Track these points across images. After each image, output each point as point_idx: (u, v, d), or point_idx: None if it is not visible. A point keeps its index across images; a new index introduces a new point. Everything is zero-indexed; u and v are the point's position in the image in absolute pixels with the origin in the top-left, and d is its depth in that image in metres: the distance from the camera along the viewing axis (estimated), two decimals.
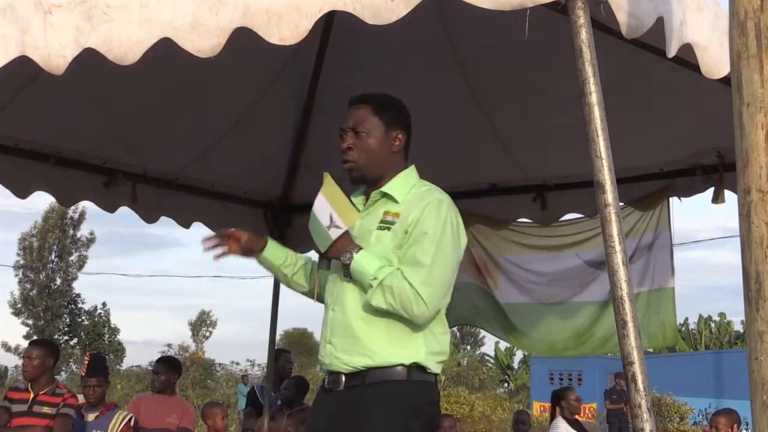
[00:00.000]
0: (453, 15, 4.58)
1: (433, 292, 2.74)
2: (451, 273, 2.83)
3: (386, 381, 2.77)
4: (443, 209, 2.85)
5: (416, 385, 2.79)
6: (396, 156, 3.00)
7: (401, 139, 3.01)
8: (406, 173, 3.01)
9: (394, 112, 3.05)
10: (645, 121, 4.76)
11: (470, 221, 5.92)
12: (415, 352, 2.79)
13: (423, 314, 2.74)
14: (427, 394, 2.84)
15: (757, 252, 1.93)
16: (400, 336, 2.79)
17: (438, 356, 2.87)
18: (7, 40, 2.93)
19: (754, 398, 1.92)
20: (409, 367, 2.77)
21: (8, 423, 5.28)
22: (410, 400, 2.77)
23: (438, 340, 2.87)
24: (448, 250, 2.80)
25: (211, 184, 5.93)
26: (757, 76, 1.97)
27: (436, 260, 2.76)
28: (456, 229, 2.85)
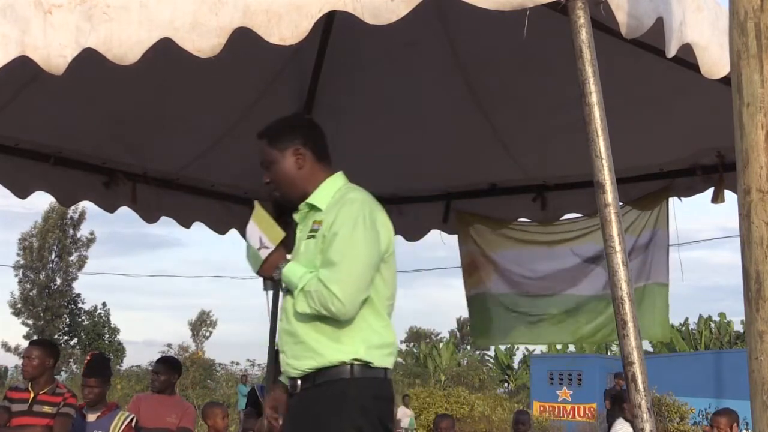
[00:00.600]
0: (453, 15, 4.58)
1: (345, 288, 2.83)
2: (365, 267, 2.89)
3: (332, 380, 2.88)
4: (354, 207, 2.94)
5: (360, 382, 2.87)
6: (307, 171, 3.09)
7: (302, 154, 3.10)
8: (330, 181, 3.11)
9: (283, 135, 3.13)
10: (645, 121, 4.76)
11: (470, 221, 5.94)
12: (354, 348, 2.88)
13: (341, 311, 2.83)
14: (373, 389, 2.91)
15: (757, 252, 1.93)
16: (339, 334, 2.89)
17: (382, 349, 2.94)
18: (7, 40, 2.93)
19: (754, 398, 1.92)
20: (351, 364, 2.87)
21: (8, 422, 5.28)
22: (355, 398, 2.86)
23: (378, 333, 2.94)
24: (359, 246, 2.89)
25: (211, 184, 5.93)
26: (757, 76, 1.97)
27: (347, 257, 2.86)
28: (370, 225, 2.92)
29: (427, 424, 20.53)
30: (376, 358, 2.90)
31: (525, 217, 5.87)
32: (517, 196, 5.81)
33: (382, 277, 2.97)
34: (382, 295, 2.97)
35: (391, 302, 3.03)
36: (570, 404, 24.77)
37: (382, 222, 2.98)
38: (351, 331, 2.90)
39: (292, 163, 3.09)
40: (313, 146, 3.12)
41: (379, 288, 2.96)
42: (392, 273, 3.03)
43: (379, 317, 2.95)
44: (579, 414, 24.36)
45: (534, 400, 25.73)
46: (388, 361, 2.95)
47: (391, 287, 3.01)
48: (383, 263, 2.97)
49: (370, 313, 2.93)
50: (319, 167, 3.12)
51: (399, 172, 5.85)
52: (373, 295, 2.94)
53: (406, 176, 5.88)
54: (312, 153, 3.11)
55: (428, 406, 21.62)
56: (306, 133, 3.16)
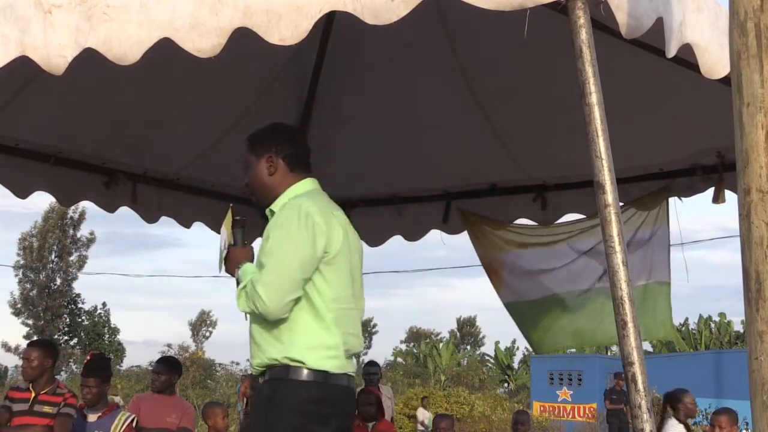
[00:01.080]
0: (453, 15, 4.58)
1: (270, 289, 2.93)
2: (291, 269, 2.96)
3: (271, 378, 3.02)
4: (290, 211, 3.06)
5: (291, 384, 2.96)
6: (277, 178, 3.24)
7: (273, 161, 3.24)
8: (294, 187, 3.23)
9: (259, 143, 3.29)
10: (645, 121, 4.76)
11: (473, 220, 5.93)
12: (288, 349, 2.97)
13: (266, 310, 2.93)
14: (304, 390, 2.96)
15: (757, 252, 1.93)
16: (278, 334, 3.00)
17: (318, 350, 2.98)
18: (7, 40, 2.93)
19: (754, 398, 1.92)
20: (287, 365, 2.97)
21: (9, 422, 5.28)
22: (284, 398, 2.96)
23: (315, 334, 2.99)
24: (285, 248, 2.99)
25: (211, 184, 5.93)
26: (757, 76, 1.97)
27: (273, 259, 2.98)
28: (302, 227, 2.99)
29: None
30: (310, 359, 2.96)
31: (525, 218, 5.87)
32: (517, 196, 5.81)
33: (324, 279, 3.01)
34: (326, 297, 3.01)
35: (343, 305, 3.06)
36: (570, 404, 24.77)
37: (321, 225, 3.02)
38: (287, 332, 2.99)
39: (264, 170, 3.25)
40: (286, 156, 3.25)
41: (321, 289, 3.01)
42: (340, 275, 3.06)
43: (319, 319, 3.00)
44: (579, 414, 24.36)
45: (534, 400, 25.74)
46: (328, 363, 2.98)
47: (338, 289, 3.05)
48: (325, 265, 3.02)
49: (308, 315, 2.99)
50: (291, 176, 3.24)
51: (399, 172, 5.86)
52: (313, 296, 3.00)
53: (406, 176, 5.89)
54: (284, 162, 3.24)
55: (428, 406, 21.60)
56: (282, 143, 3.27)
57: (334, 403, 3.02)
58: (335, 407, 3.02)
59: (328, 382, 2.98)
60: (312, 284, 3.00)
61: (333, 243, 3.04)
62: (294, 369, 2.96)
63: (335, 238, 3.06)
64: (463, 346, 54.74)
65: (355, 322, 3.13)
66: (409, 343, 54.16)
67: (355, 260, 3.19)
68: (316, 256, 2.99)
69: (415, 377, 39.06)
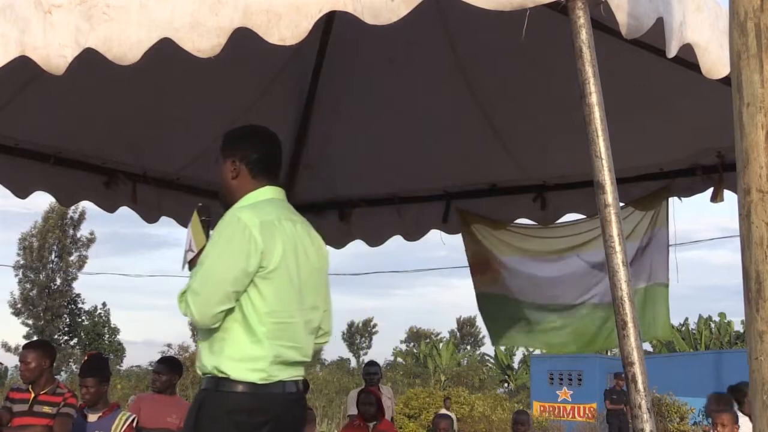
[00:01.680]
0: (453, 15, 4.58)
1: (196, 299, 2.98)
2: (221, 281, 2.99)
3: (204, 388, 3.09)
4: (225, 224, 3.08)
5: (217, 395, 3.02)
6: (239, 182, 3.26)
7: (236, 165, 3.26)
8: (250, 195, 3.24)
9: (230, 145, 3.32)
10: (645, 121, 4.76)
11: (471, 220, 5.93)
12: (217, 359, 3.03)
13: (193, 319, 3.02)
14: (228, 404, 3.01)
15: (757, 252, 1.93)
16: (210, 344, 3.06)
17: (244, 363, 3.01)
18: (7, 40, 2.93)
19: (754, 398, 1.92)
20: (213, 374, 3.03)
21: (9, 423, 5.28)
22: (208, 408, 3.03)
23: (242, 347, 3.02)
24: (216, 261, 3.02)
25: (211, 184, 5.92)
26: (757, 76, 1.97)
27: (205, 269, 3.02)
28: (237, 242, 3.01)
29: (427, 424, 20.53)
30: (235, 370, 3.00)
31: (525, 218, 5.86)
32: (517, 196, 5.81)
33: (259, 293, 3.03)
34: (260, 311, 3.02)
35: (281, 318, 3.07)
36: (570, 404, 24.78)
37: (257, 238, 3.02)
38: (219, 342, 3.03)
39: (227, 172, 3.28)
40: (249, 162, 3.26)
41: (255, 303, 3.02)
42: (278, 289, 3.06)
43: (250, 331, 3.02)
44: (579, 414, 24.36)
45: (534, 400, 25.74)
46: (253, 375, 3.01)
47: (275, 303, 3.05)
48: (261, 279, 3.03)
49: (240, 326, 3.02)
50: (252, 182, 3.26)
51: (399, 172, 5.86)
52: (246, 309, 3.02)
53: (406, 176, 5.89)
54: (247, 168, 3.25)
55: (428, 406, 21.60)
56: (248, 149, 3.27)
57: (266, 410, 3.04)
58: (267, 414, 3.04)
59: (258, 392, 3.01)
60: (247, 297, 3.02)
61: (270, 258, 3.04)
62: (221, 380, 3.01)
63: (274, 252, 3.05)
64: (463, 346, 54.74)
65: (296, 335, 3.12)
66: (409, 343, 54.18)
67: (305, 272, 3.17)
68: (248, 271, 3.00)
69: (415, 377, 39.06)
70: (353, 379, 29.81)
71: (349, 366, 48.01)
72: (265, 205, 3.19)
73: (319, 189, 6.18)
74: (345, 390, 22.83)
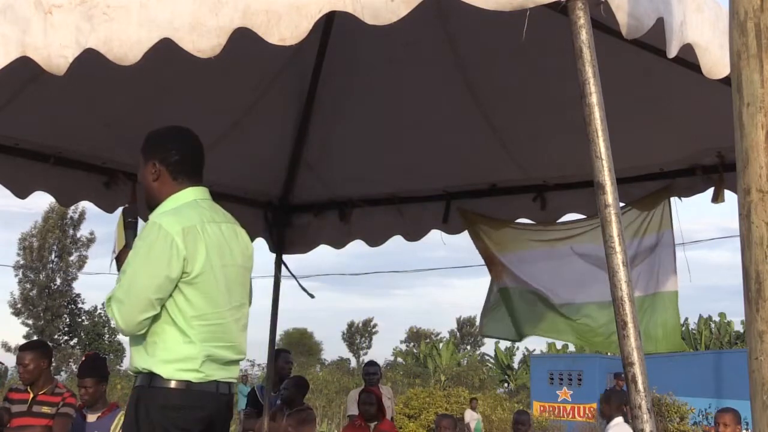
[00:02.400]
0: (453, 15, 4.57)
1: (121, 307, 3.06)
2: (143, 289, 3.05)
3: (136, 386, 3.18)
4: (150, 230, 3.12)
5: (150, 391, 3.11)
6: (160, 184, 3.30)
7: (156, 167, 3.29)
8: (175, 197, 3.28)
9: (151, 147, 3.35)
10: (645, 121, 4.76)
11: (473, 219, 5.93)
12: (150, 360, 3.11)
13: (119, 325, 3.10)
14: (161, 399, 3.10)
15: (757, 252, 1.93)
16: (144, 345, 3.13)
17: (175, 364, 3.10)
18: (7, 40, 2.93)
19: (754, 398, 1.92)
20: (149, 373, 3.11)
21: (8, 423, 5.27)
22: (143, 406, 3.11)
23: (175, 349, 3.10)
24: (141, 269, 3.07)
25: (211, 184, 5.88)
26: (757, 76, 1.97)
27: (128, 278, 3.08)
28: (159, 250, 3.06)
29: (427, 424, 20.53)
30: (169, 371, 3.09)
31: (525, 217, 5.86)
32: (517, 196, 5.80)
33: (185, 298, 3.09)
34: (187, 315, 3.09)
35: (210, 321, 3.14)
36: (570, 404, 24.77)
37: (179, 245, 3.07)
38: (151, 345, 3.11)
39: (148, 174, 3.32)
40: (170, 164, 3.29)
41: (182, 308, 3.09)
42: (204, 294, 3.12)
43: (181, 334, 3.09)
44: (579, 414, 24.36)
45: (534, 400, 25.73)
46: (187, 375, 3.10)
47: (202, 308, 3.12)
48: (186, 285, 3.08)
49: (170, 330, 3.10)
50: (173, 184, 3.29)
51: (399, 172, 5.85)
52: (174, 313, 3.09)
53: (406, 176, 5.88)
54: (167, 170, 3.29)
55: (428, 406, 21.60)
56: (168, 151, 3.31)
57: (200, 408, 3.13)
58: (201, 412, 3.14)
59: (192, 389, 3.10)
60: (173, 302, 3.09)
61: (193, 264, 3.10)
62: (155, 377, 3.10)
63: (197, 258, 3.11)
64: (463, 346, 54.73)
65: (229, 334, 3.21)
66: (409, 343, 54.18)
67: (231, 272, 3.24)
68: (171, 278, 3.06)
69: (415, 377, 39.05)
70: (353, 379, 29.80)
71: (349, 366, 48.00)
72: (187, 209, 3.22)
73: (319, 189, 6.18)
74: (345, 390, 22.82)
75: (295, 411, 6.72)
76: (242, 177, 6.00)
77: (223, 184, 5.97)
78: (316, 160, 6.00)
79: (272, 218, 6.33)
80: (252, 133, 5.54)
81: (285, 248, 6.41)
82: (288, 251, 6.44)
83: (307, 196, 6.27)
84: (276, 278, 6.42)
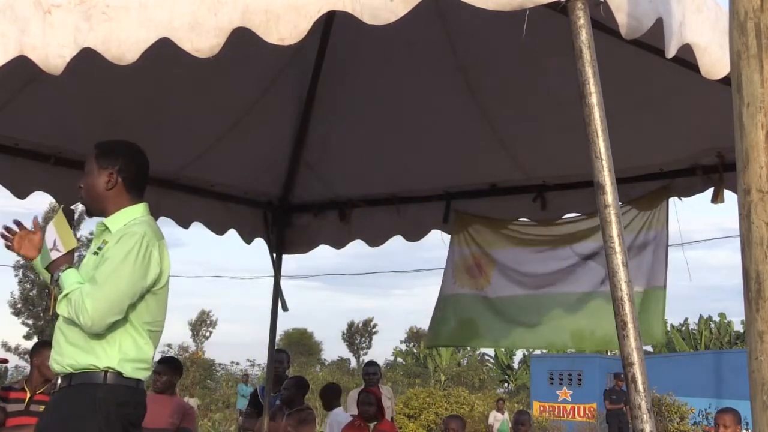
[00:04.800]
0: (453, 15, 4.58)
1: (98, 305, 3.17)
2: (121, 295, 3.21)
3: (85, 383, 3.25)
4: (131, 241, 3.26)
5: (109, 389, 3.23)
6: (113, 194, 3.41)
7: (113, 177, 3.41)
8: (130, 209, 3.43)
9: (109, 156, 3.44)
10: (645, 121, 4.76)
11: (469, 222, 5.93)
12: (109, 358, 3.24)
13: (87, 324, 3.18)
14: (121, 396, 3.26)
15: (757, 252, 1.92)
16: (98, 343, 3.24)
17: (135, 363, 3.29)
18: (6, 40, 2.93)
19: (754, 398, 1.92)
20: (105, 371, 3.24)
21: (4, 423, 5.26)
22: (102, 402, 3.21)
23: (136, 349, 3.30)
24: (123, 275, 3.22)
25: (211, 184, 5.93)
26: (757, 76, 1.97)
27: (109, 281, 3.20)
28: (141, 259, 3.25)
29: (427, 424, 20.53)
30: (128, 370, 3.26)
31: (525, 217, 5.86)
32: (517, 196, 5.80)
33: (146, 305, 3.32)
34: (142, 320, 3.31)
35: (155, 328, 3.39)
36: (570, 404, 24.77)
37: (156, 258, 3.31)
38: (108, 344, 3.24)
39: (103, 182, 3.41)
40: (126, 176, 3.43)
41: (140, 313, 3.30)
42: (160, 303, 3.38)
43: (140, 335, 3.30)
44: (579, 414, 24.35)
45: (534, 400, 25.72)
46: (140, 374, 3.32)
47: (155, 315, 3.36)
48: (151, 294, 3.32)
49: (130, 330, 3.28)
50: (127, 195, 3.43)
51: (399, 172, 5.86)
52: (132, 317, 3.28)
53: (406, 176, 5.89)
54: (123, 181, 3.42)
55: (428, 406, 21.58)
56: (127, 163, 3.44)
57: (143, 405, 3.37)
58: (142, 410, 3.38)
59: (138, 388, 3.33)
60: (132, 307, 3.27)
61: (162, 276, 3.35)
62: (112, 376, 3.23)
63: (165, 271, 3.36)
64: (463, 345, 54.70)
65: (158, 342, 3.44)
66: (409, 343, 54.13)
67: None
68: (145, 286, 3.28)
69: (415, 377, 39.04)
70: (353, 379, 29.80)
71: (349, 366, 48.00)
72: (151, 223, 3.42)
73: (319, 189, 6.18)
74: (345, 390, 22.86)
75: (294, 411, 6.71)
76: (242, 177, 6.01)
77: (223, 184, 5.98)
78: (316, 160, 6.00)
79: (272, 218, 6.33)
80: (252, 133, 5.55)
81: (285, 248, 6.42)
82: (288, 251, 6.44)
83: (307, 196, 6.27)
84: (276, 278, 6.42)
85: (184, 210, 5.88)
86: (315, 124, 5.80)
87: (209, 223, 5.97)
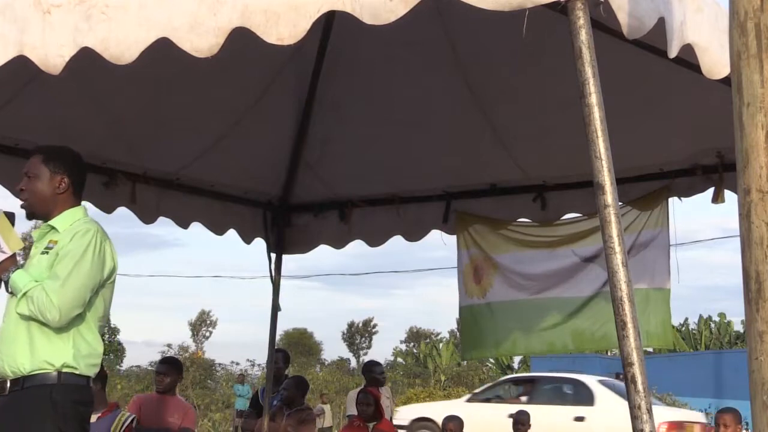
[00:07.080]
0: (453, 15, 4.57)
1: (64, 300, 3.24)
2: (84, 288, 3.31)
3: (39, 385, 3.26)
4: (88, 236, 3.37)
5: (65, 388, 3.27)
6: (62, 196, 3.51)
7: (66, 182, 3.50)
8: (74, 210, 3.52)
9: (59, 160, 3.52)
10: (645, 121, 4.76)
11: (469, 222, 5.93)
12: (63, 356, 3.28)
13: (55, 318, 3.23)
14: (76, 395, 3.31)
15: (757, 252, 1.92)
16: (51, 342, 3.28)
17: (88, 359, 3.36)
18: (6, 39, 2.94)
19: (754, 398, 1.92)
20: (60, 371, 3.26)
21: None
22: (58, 402, 3.24)
23: (88, 344, 3.36)
24: (84, 268, 3.31)
25: (211, 184, 5.92)
26: (757, 76, 1.97)
27: (72, 275, 3.28)
28: (98, 253, 3.37)
29: None
30: (82, 366, 3.32)
31: (525, 217, 5.86)
32: (517, 196, 5.80)
33: (102, 299, 3.43)
34: (96, 315, 3.40)
35: (103, 323, 3.48)
36: None
37: (109, 252, 3.44)
38: (62, 340, 3.29)
39: (54, 186, 3.49)
40: (74, 181, 3.53)
41: (96, 307, 3.40)
42: (108, 298, 3.48)
43: (91, 331, 3.38)
44: None
45: None
46: (92, 370, 3.38)
47: (106, 309, 3.48)
48: (104, 288, 3.42)
49: (82, 327, 3.34)
50: (71, 199, 3.53)
51: (399, 173, 5.85)
52: (88, 312, 3.35)
53: (406, 176, 5.88)
54: (71, 186, 3.52)
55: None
56: (75, 168, 3.56)
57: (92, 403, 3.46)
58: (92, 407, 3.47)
59: (89, 385, 3.39)
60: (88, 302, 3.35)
61: (115, 270, 3.48)
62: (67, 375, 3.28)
63: (116, 266, 3.49)
64: None
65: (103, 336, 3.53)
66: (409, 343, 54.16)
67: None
68: (102, 280, 3.39)
69: (415, 377, 39.04)
70: (353, 379, 29.80)
71: (349, 366, 48.01)
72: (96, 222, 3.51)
73: (319, 189, 6.17)
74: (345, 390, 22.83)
75: (294, 411, 6.71)
76: (242, 177, 6.00)
77: (223, 184, 5.98)
78: (316, 160, 6.00)
79: (272, 218, 6.33)
80: (252, 133, 5.54)
81: (285, 248, 6.41)
82: (288, 251, 6.44)
83: (307, 196, 6.27)
84: (275, 278, 6.42)
85: (184, 210, 5.87)
86: (315, 124, 5.80)
87: (209, 223, 5.96)
